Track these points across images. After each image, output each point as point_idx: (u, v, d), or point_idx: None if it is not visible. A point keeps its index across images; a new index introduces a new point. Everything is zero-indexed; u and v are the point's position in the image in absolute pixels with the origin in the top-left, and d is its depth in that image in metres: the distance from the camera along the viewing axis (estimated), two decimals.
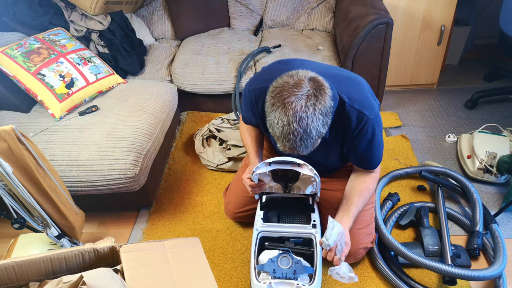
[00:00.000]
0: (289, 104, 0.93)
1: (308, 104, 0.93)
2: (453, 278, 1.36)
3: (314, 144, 1.00)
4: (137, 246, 1.07)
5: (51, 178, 1.29)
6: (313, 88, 0.95)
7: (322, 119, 0.96)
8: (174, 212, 1.82)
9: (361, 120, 1.12)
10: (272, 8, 2.51)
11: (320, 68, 1.15)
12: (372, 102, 1.15)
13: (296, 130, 0.94)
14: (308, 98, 0.93)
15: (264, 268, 1.26)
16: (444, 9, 2.23)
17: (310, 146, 0.99)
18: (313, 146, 1.00)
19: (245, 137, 1.43)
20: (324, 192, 1.47)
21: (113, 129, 1.73)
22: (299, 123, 0.93)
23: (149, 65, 2.31)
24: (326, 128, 0.99)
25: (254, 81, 1.24)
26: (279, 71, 1.13)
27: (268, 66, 1.27)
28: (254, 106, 1.25)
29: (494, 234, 1.49)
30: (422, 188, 1.82)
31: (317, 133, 0.97)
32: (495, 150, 1.82)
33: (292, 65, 1.18)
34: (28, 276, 0.98)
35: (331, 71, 1.17)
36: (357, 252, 1.43)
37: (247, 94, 1.25)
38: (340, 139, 1.20)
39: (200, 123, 2.34)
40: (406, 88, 2.59)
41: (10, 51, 1.81)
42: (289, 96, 0.93)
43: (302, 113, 0.93)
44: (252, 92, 1.22)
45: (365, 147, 1.20)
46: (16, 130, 1.16)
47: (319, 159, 1.30)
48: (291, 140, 0.96)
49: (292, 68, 1.12)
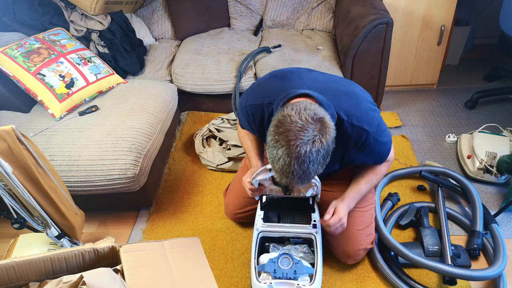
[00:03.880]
0: (294, 147, 0.93)
1: (312, 150, 0.94)
2: (453, 278, 1.36)
3: (309, 181, 1.02)
4: (137, 246, 1.07)
5: (51, 178, 1.29)
6: (319, 133, 0.95)
7: (322, 162, 0.98)
8: (174, 212, 1.82)
9: (361, 136, 1.13)
10: (272, 8, 2.51)
11: (317, 83, 1.15)
12: (370, 114, 1.14)
13: (296, 171, 0.95)
14: (313, 144, 0.94)
15: (264, 268, 1.26)
16: (444, 9, 2.23)
17: (306, 182, 1.01)
18: (307, 182, 1.02)
19: (245, 140, 1.43)
20: (324, 193, 1.47)
21: (113, 129, 1.73)
22: (300, 166, 0.94)
23: (149, 65, 2.31)
24: (324, 167, 1.00)
25: (250, 96, 1.24)
26: (276, 88, 1.13)
27: (263, 80, 1.25)
28: (252, 121, 1.25)
29: (494, 234, 1.49)
30: (422, 188, 1.82)
31: (315, 173, 0.99)
32: (495, 150, 1.82)
33: (290, 80, 1.17)
34: (28, 276, 0.98)
35: (328, 86, 1.16)
36: (357, 253, 1.42)
37: (244, 110, 1.25)
38: (339, 154, 1.20)
39: (200, 123, 2.34)
40: (406, 88, 2.59)
41: (10, 51, 1.81)
42: (295, 139, 0.93)
43: (305, 157, 0.94)
44: (248, 107, 1.22)
45: (369, 154, 1.20)
46: (16, 130, 1.17)
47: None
48: (289, 177, 0.97)
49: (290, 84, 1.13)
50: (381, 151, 1.23)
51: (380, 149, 1.21)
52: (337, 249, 1.46)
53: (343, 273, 1.50)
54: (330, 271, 1.51)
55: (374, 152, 1.21)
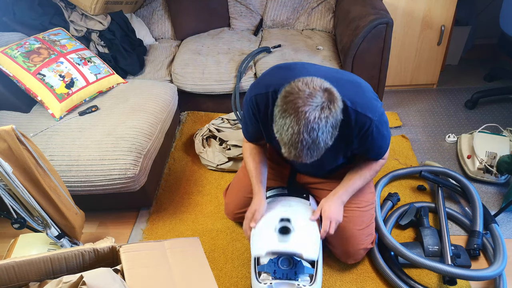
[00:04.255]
0: (302, 114, 0.92)
1: (321, 117, 0.93)
2: (453, 278, 1.36)
3: (319, 155, 1.00)
4: (137, 246, 1.07)
5: (51, 178, 1.29)
6: (328, 100, 0.94)
7: (331, 132, 0.97)
8: (174, 212, 1.82)
9: (364, 123, 1.12)
10: (272, 8, 2.51)
11: (321, 72, 1.15)
12: (374, 103, 1.14)
13: (305, 140, 0.93)
14: (322, 110, 0.93)
15: (264, 268, 1.26)
16: (444, 9, 2.23)
17: (315, 156, 0.99)
18: (317, 156, 1.00)
19: (249, 162, 1.40)
20: (323, 192, 1.47)
21: (113, 129, 1.73)
22: (309, 133, 0.93)
23: (149, 65, 2.31)
24: (333, 140, 0.99)
25: (255, 87, 1.23)
26: (282, 77, 1.12)
27: (268, 72, 1.25)
28: (256, 112, 1.23)
29: (494, 234, 1.49)
30: (422, 188, 1.82)
31: (324, 144, 0.97)
32: (495, 150, 1.82)
33: (294, 70, 1.17)
34: (28, 276, 0.98)
35: (332, 74, 1.16)
36: (357, 253, 1.43)
37: (249, 101, 1.23)
38: (344, 142, 1.20)
39: (200, 123, 2.34)
40: (406, 88, 2.59)
41: (10, 51, 1.81)
42: (304, 105, 0.92)
43: (315, 124, 0.92)
44: (253, 98, 1.21)
45: (370, 144, 1.20)
46: (16, 130, 1.16)
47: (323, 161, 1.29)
48: (298, 148, 0.96)
49: (294, 73, 1.12)
50: (382, 144, 1.22)
51: (381, 142, 1.21)
52: (337, 249, 1.46)
53: (343, 273, 1.50)
54: (330, 271, 1.51)
55: (376, 144, 1.20)
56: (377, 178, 1.83)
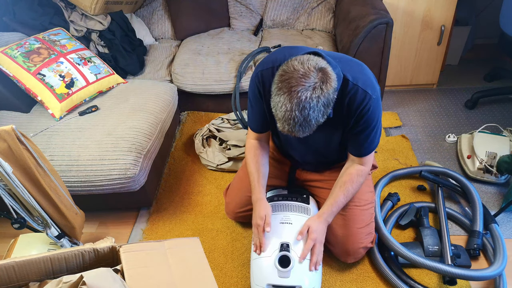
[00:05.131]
0: (295, 93, 0.97)
1: (313, 96, 0.98)
2: (453, 278, 1.36)
3: (311, 130, 1.05)
4: (137, 246, 1.06)
5: (51, 178, 1.29)
6: (320, 81, 0.99)
7: (323, 110, 1.01)
8: (174, 212, 1.82)
9: (364, 98, 1.14)
10: (272, 8, 2.51)
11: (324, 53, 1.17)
12: (374, 83, 1.18)
13: (297, 117, 0.99)
14: (314, 90, 0.98)
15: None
16: (444, 9, 2.23)
17: (307, 131, 1.04)
18: (310, 131, 1.05)
19: (251, 164, 1.40)
20: (321, 190, 1.47)
21: (113, 129, 1.73)
22: (301, 111, 0.98)
23: (149, 65, 2.31)
24: (325, 117, 1.04)
25: (261, 64, 1.26)
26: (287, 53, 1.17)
27: (275, 51, 1.29)
28: (261, 88, 1.25)
29: (494, 234, 1.49)
30: (422, 188, 1.82)
31: (315, 122, 1.02)
32: (495, 150, 1.82)
33: (298, 47, 1.21)
34: (28, 276, 0.98)
35: (335, 54, 1.21)
36: (356, 252, 1.42)
37: (255, 78, 1.26)
38: (343, 118, 1.21)
39: (200, 123, 2.34)
40: (406, 88, 2.59)
41: (10, 51, 1.81)
42: (297, 85, 0.97)
43: (306, 103, 0.97)
44: (259, 73, 1.24)
45: (362, 128, 1.21)
46: (16, 130, 1.16)
47: (320, 143, 1.32)
48: (290, 124, 1.01)
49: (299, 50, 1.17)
50: (369, 133, 1.22)
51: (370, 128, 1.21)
52: (336, 248, 1.46)
53: (343, 273, 1.50)
54: (330, 271, 1.51)
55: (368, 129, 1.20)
56: (377, 178, 1.83)
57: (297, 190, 1.51)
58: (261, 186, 1.37)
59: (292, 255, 1.25)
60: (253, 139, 1.42)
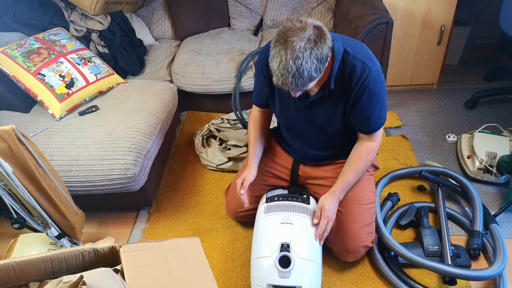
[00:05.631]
0: (290, 43, 1.02)
1: (306, 47, 1.02)
2: (453, 278, 1.36)
3: (304, 85, 1.08)
4: (137, 246, 1.06)
5: (51, 178, 1.29)
6: (315, 35, 1.04)
7: (316, 64, 1.05)
8: (174, 212, 1.82)
9: (364, 70, 1.18)
10: (272, 8, 2.51)
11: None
12: (374, 59, 1.22)
13: (290, 67, 1.03)
14: (308, 41, 1.03)
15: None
16: (444, 9, 2.23)
17: (300, 86, 1.07)
18: (303, 86, 1.08)
19: (250, 132, 1.51)
20: (325, 189, 1.47)
21: (113, 129, 1.73)
22: (294, 61, 1.02)
23: (149, 65, 2.31)
24: (318, 74, 1.08)
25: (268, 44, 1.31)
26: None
27: None
28: (265, 65, 1.32)
29: (494, 234, 1.49)
30: (422, 188, 1.82)
31: (308, 75, 1.05)
32: (495, 150, 1.82)
33: None
34: (28, 276, 0.98)
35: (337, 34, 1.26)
36: (357, 250, 1.42)
37: (261, 56, 1.34)
38: (345, 91, 1.23)
39: (200, 123, 2.34)
40: (406, 88, 2.59)
41: (10, 51, 1.81)
42: (292, 36, 1.03)
43: (299, 53, 1.02)
44: (265, 51, 1.32)
45: (366, 102, 1.23)
46: (16, 130, 1.16)
47: (322, 119, 1.33)
48: (284, 75, 1.05)
49: None
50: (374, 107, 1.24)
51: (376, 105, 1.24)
52: (336, 246, 1.45)
53: (343, 273, 1.50)
54: (330, 271, 1.51)
55: (372, 103, 1.23)
56: (377, 178, 1.83)
57: (297, 190, 1.51)
58: (255, 154, 1.46)
59: (292, 255, 1.25)
60: (256, 111, 1.53)
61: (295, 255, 1.26)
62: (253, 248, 1.36)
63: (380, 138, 1.35)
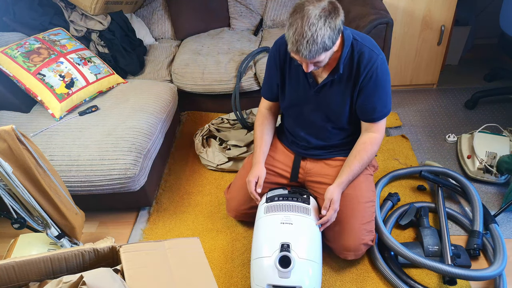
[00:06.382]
0: (307, 11, 1.10)
1: (321, 15, 1.09)
2: (453, 278, 1.36)
3: (317, 52, 1.13)
4: (137, 246, 1.06)
5: (51, 178, 1.29)
6: (329, 7, 1.11)
7: (329, 32, 1.11)
8: (174, 212, 1.82)
9: (371, 57, 1.27)
10: (272, 8, 2.51)
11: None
12: (380, 50, 1.30)
13: (305, 33, 1.09)
14: (323, 11, 1.10)
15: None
16: (444, 9, 2.23)
17: (314, 52, 1.12)
18: (316, 54, 1.13)
19: (257, 130, 1.55)
20: (321, 187, 1.47)
21: (113, 129, 1.73)
22: (310, 27, 1.09)
23: (149, 65, 2.31)
24: (331, 43, 1.13)
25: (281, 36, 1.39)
26: None
27: None
28: (277, 55, 1.40)
29: (494, 234, 1.49)
30: (422, 188, 1.82)
31: (322, 42, 1.11)
32: (495, 150, 1.82)
33: None
34: (28, 276, 0.98)
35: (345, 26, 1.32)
36: (358, 248, 1.42)
37: (273, 47, 1.42)
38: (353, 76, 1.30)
39: (200, 123, 2.34)
40: (406, 88, 2.59)
41: (10, 51, 1.81)
42: (309, 5, 1.10)
43: (315, 19, 1.09)
44: (278, 42, 1.41)
45: (373, 88, 1.30)
46: (16, 130, 1.16)
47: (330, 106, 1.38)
48: (299, 41, 1.11)
49: None
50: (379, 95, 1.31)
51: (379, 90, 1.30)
52: (336, 244, 1.45)
53: (343, 273, 1.50)
54: (330, 271, 1.51)
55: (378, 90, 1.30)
56: (377, 178, 1.83)
57: (297, 190, 1.51)
58: (262, 152, 1.51)
59: (292, 255, 1.25)
60: (264, 108, 1.57)
61: (295, 255, 1.26)
62: (253, 248, 1.36)
63: (383, 130, 1.39)
